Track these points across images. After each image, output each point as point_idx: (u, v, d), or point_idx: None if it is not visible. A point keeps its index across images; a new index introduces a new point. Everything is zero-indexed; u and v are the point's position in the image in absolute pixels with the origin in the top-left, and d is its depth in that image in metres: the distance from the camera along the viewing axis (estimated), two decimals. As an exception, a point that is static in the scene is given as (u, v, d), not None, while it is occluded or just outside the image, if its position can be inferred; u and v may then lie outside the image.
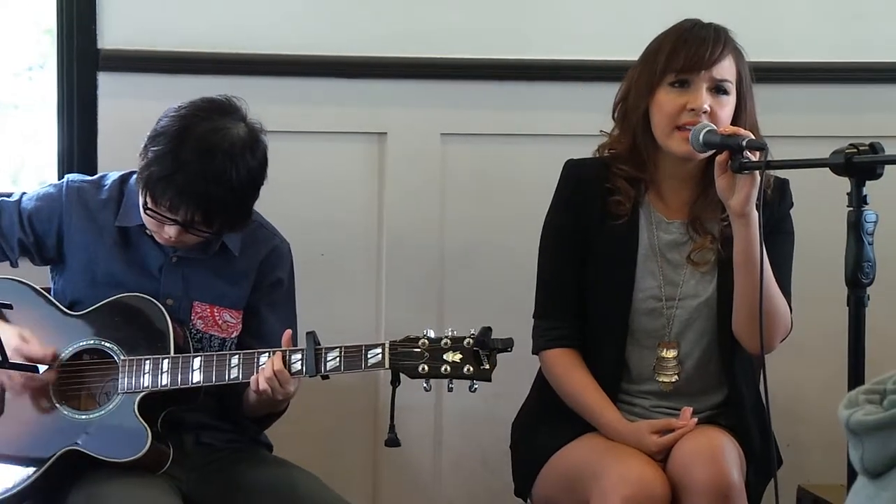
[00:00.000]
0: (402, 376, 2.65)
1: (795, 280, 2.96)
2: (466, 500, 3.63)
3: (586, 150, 3.01)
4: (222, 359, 2.75)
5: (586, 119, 3.11)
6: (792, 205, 2.99)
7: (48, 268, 2.99)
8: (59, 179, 3.14)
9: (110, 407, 2.76)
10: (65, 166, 3.41)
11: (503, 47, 3.53)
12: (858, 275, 2.44)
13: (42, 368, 2.76)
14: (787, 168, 2.85)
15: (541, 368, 3.03)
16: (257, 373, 2.71)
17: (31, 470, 2.77)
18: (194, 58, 3.41)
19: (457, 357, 2.62)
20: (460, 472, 3.61)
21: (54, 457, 2.75)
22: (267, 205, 2.89)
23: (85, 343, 2.82)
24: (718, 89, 2.86)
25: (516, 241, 3.43)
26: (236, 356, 2.74)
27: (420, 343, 2.64)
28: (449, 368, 2.62)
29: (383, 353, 2.64)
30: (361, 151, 3.54)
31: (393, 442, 2.68)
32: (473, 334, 2.63)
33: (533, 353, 3.00)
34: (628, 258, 2.93)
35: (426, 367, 2.63)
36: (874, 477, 1.62)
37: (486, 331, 2.63)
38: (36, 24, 3.55)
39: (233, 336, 2.92)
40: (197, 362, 2.74)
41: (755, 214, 2.73)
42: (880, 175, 2.46)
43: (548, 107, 3.56)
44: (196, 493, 2.84)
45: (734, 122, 2.84)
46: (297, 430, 3.20)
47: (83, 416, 2.78)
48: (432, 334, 2.65)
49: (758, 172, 2.68)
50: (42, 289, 2.92)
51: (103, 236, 2.91)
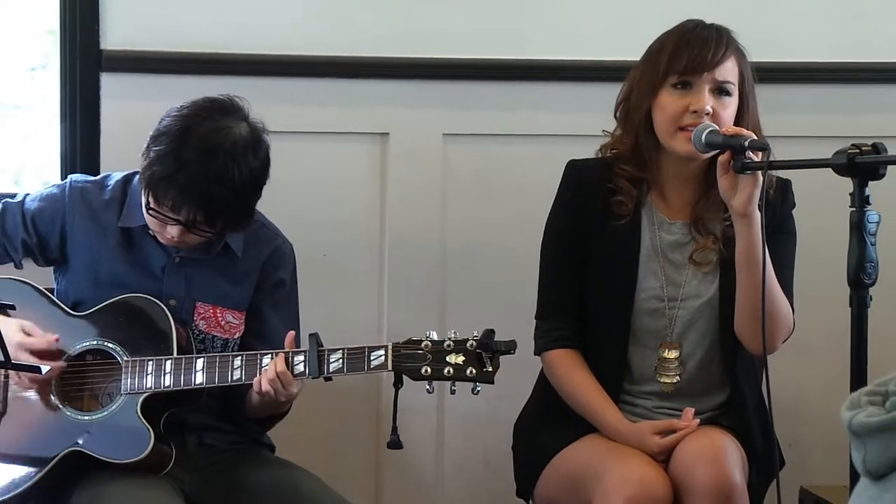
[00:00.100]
0: (404, 378, 2.64)
1: (798, 280, 2.96)
2: (469, 501, 3.62)
3: (588, 151, 3.01)
4: (225, 360, 2.74)
5: (588, 119, 3.11)
6: (794, 205, 2.99)
7: (51, 268, 3.00)
8: (61, 180, 3.14)
9: (113, 408, 2.76)
10: (67, 167, 3.41)
11: (505, 48, 3.53)
12: (861, 275, 2.43)
13: (45, 369, 2.76)
14: (789, 168, 2.85)
15: (543, 369, 3.03)
16: (260, 374, 2.71)
17: (33, 470, 2.77)
18: (197, 58, 3.41)
19: (460, 359, 2.62)
20: (462, 474, 3.60)
21: (57, 458, 2.75)
22: (269, 205, 2.89)
23: (88, 344, 2.82)
24: (721, 91, 2.85)
25: (518, 241, 3.43)
26: (239, 357, 2.74)
27: (423, 345, 2.63)
28: (452, 371, 2.62)
29: (386, 355, 2.64)
30: (363, 152, 3.54)
31: (395, 444, 2.67)
32: (476, 336, 2.63)
33: (535, 354, 2.99)
34: (630, 258, 2.93)
35: (429, 370, 2.63)
36: (876, 479, 1.62)
37: (489, 333, 2.62)
38: (39, 23, 3.55)
39: (235, 337, 2.92)
40: (200, 363, 2.74)
41: (757, 215, 2.73)
42: (883, 175, 2.45)
43: (549, 107, 3.56)
44: (199, 494, 2.83)
45: (737, 123, 2.84)
46: (300, 431, 3.20)
47: (86, 417, 2.78)
48: (435, 336, 2.64)
49: (760, 173, 2.67)
50: (45, 289, 2.92)
51: (106, 237, 2.90)
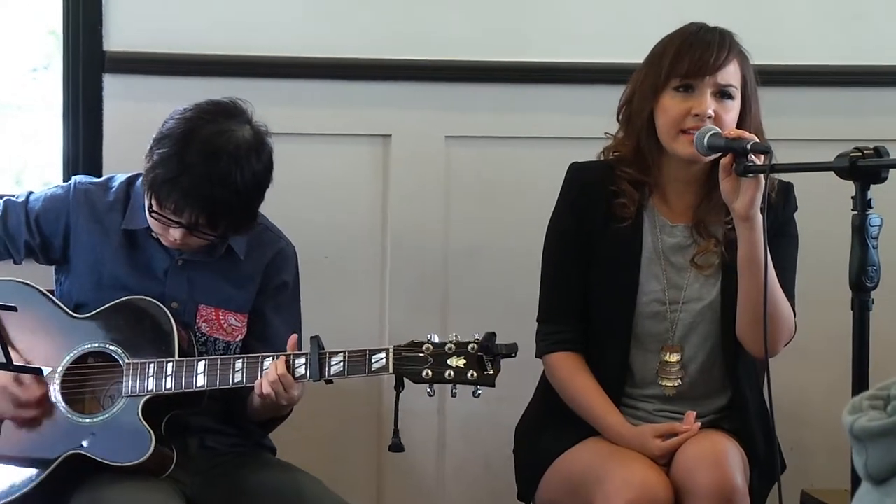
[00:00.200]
0: (405, 381, 2.64)
1: (799, 284, 2.95)
2: (470, 504, 3.63)
3: (590, 153, 3.01)
4: (226, 362, 2.74)
5: (590, 122, 3.11)
6: (796, 208, 2.99)
7: (52, 269, 2.99)
8: (64, 181, 3.14)
9: (114, 410, 2.76)
10: (70, 168, 3.41)
11: (507, 50, 3.52)
12: (863, 279, 2.43)
13: (46, 371, 2.76)
14: (791, 171, 2.85)
15: (544, 372, 3.03)
16: (261, 377, 2.71)
17: (34, 473, 2.77)
18: (199, 60, 3.41)
19: (461, 362, 2.62)
20: (464, 477, 3.60)
21: (58, 460, 2.75)
22: (270, 207, 2.89)
23: (89, 346, 2.82)
24: (723, 94, 2.85)
25: (519, 243, 3.43)
26: (240, 360, 2.74)
27: (424, 348, 2.63)
28: (453, 374, 2.62)
29: (387, 358, 2.64)
30: (365, 154, 3.54)
31: (397, 447, 2.67)
32: (478, 339, 2.62)
33: (536, 357, 2.99)
34: (632, 261, 2.92)
35: (430, 372, 2.63)
36: (878, 483, 1.61)
37: (491, 336, 2.62)
38: (41, 24, 3.55)
39: (237, 340, 2.92)
40: (201, 366, 2.74)
41: (759, 218, 2.72)
42: (885, 179, 2.44)
43: (551, 109, 3.55)
44: (200, 496, 2.83)
45: (739, 126, 2.83)
46: (302, 434, 3.20)
47: (87, 420, 2.78)
48: (436, 339, 2.64)
49: (762, 176, 2.67)
50: (46, 290, 2.92)
51: (109, 238, 2.90)
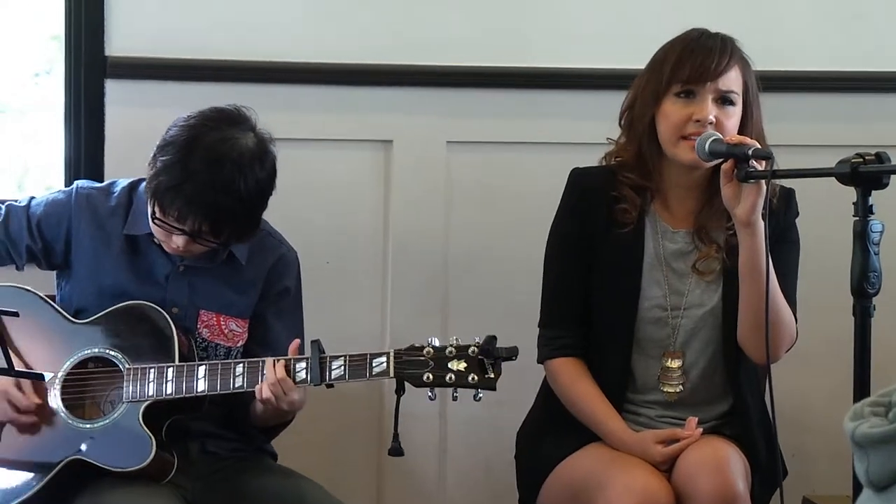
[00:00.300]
0: (406, 385, 2.64)
1: (801, 290, 2.95)
2: (470, 508, 3.63)
3: (591, 158, 3.01)
4: (227, 367, 2.74)
5: (591, 127, 3.11)
6: (797, 214, 2.99)
7: (53, 274, 2.99)
8: (66, 186, 3.14)
9: (115, 415, 2.76)
10: (72, 173, 3.41)
11: (508, 55, 3.53)
12: (864, 285, 2.43)
13: (48, 376, 2.76)
14: (792, 177, 2.85)
15: (546, 377, 3.03)
16: (261, 381, 2.70)
17: (35, 479, 2.76)
18: (201, 65, 3.41)
19: (461, 366, 2.62)
20: (464, 481, 3.60)
21: (59, 466, 2.75)
22: (272, 212, 2.89)
23: (90, 351, 2.82)
24: (724, 100, 2.85)
25: (521, 248, 3.43)
26: (241, 364, 2.74)
27: (425, 351, 2.63)
28: (454, 377, 2.62)
29: (388, 362, 2.64)
30: (367, 159, 3.54)
31: (397, 451, 2.67)
32: (478, 343, 2.63)
33: (538, 362, 2.99)
34: (634, 267, 2.92)
35: (431, 376, 2.63)
36: (880, 490, 1.62)
37: (491, 339, 2.62)
38: (43, 29, 3.55)
39: (238, 345, 2.92)
40: (202, 370, 2.74)
41: (761, 224, 2.72)
42: (886, 185, 2.45)
43: (553, 115, 3.56)
44: (201, 501, 2.83)
45: (740, 132, 2.83)
46: (302, 438, 3.20)
47: (87, 425, 2.77)
48: (437, 343, 2.64)
49: (763, 182, 2.67)
50: (47, 296, 2.92)
51: (111, 244, 2.91)
